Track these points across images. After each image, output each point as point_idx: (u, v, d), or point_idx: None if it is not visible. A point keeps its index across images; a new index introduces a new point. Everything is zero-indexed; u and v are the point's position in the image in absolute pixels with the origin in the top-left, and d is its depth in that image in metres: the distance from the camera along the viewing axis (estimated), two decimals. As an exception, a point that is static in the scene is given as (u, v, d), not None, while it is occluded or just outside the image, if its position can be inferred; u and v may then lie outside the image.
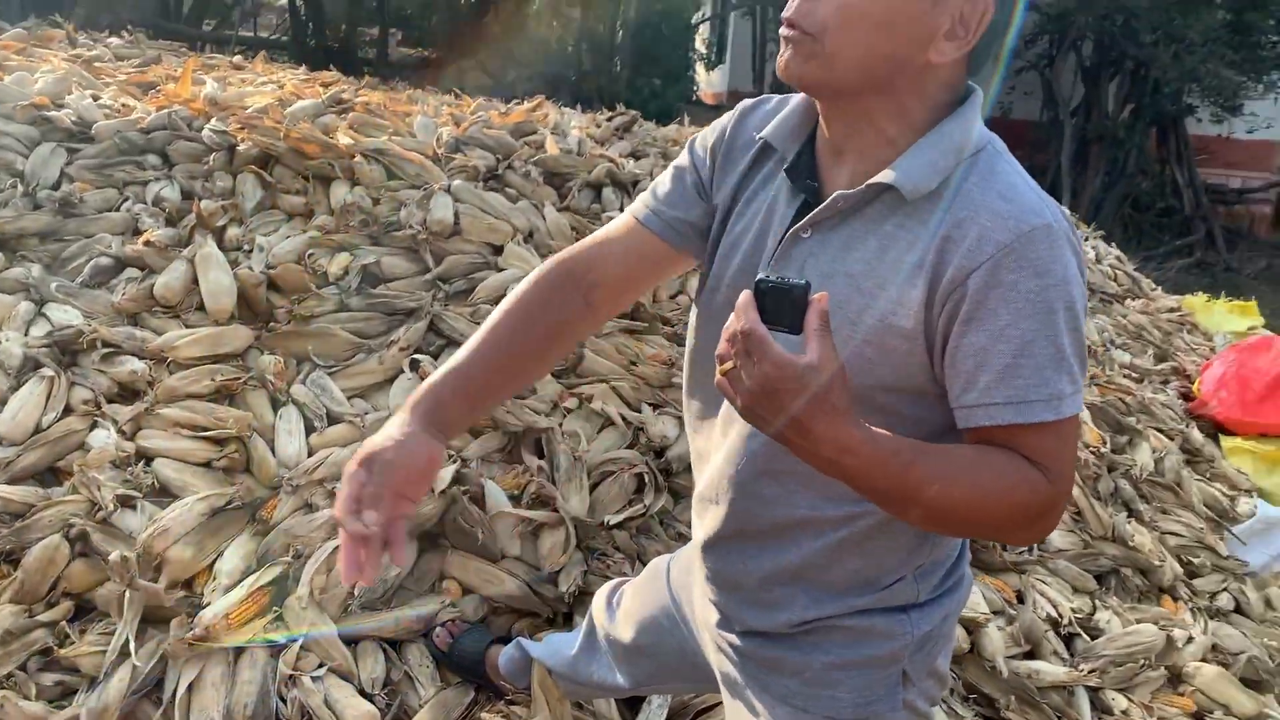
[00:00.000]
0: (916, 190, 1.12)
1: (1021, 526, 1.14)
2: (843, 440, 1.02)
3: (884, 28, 1.11)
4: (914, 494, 1.06)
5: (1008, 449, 1.11)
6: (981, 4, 1.11)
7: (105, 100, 3.38)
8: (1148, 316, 4.95)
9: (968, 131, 1.15)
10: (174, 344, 2.54)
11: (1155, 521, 3.31)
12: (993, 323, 1.08)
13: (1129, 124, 13.05)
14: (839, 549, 1.27)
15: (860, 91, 1.15)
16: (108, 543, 2.15)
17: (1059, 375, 1.09)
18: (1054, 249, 1.08)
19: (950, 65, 1.15)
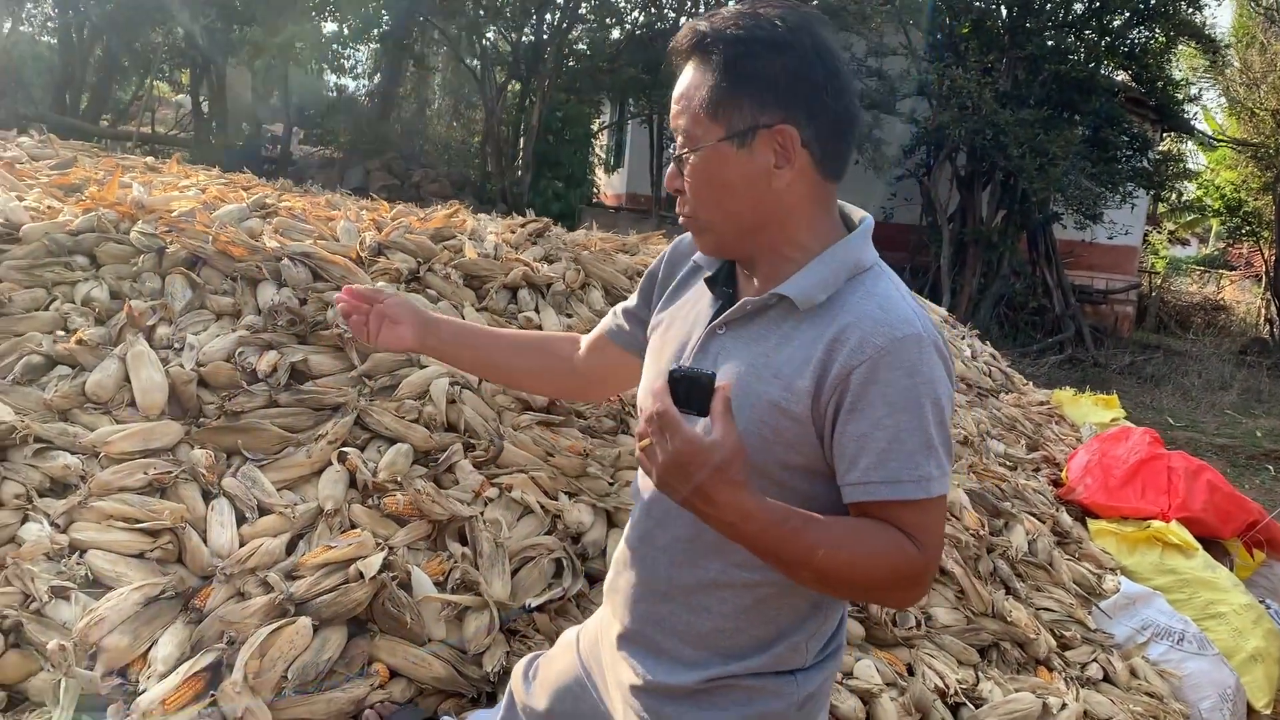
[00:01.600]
0: (808, 301, 1.35)
1: (898, 588, 1.34)
2: (742, 507, 1.22)
3: (725, 189, 1.37)
4: (804, 557, 1.26)
5: (885, 522, 1.31)
6: (787, 131, 1.32)
7: (30, 202, 3.46)
8: (1020, 409, 5.34)
9: (858, 253, 1.39)
10: (107, 439, 2.62)
11: (1030, 598, 3.58)
12: (871, 414, 1.28)
13: (1002, 229, 13.90)
14: (745, 615, 1.45)
15: (745, 237, 1.40)
16: (42, 633, 2.21)
17: (927, 460, 1.29)
18: (923, 354, 1.29)
19: (805, 183, 1.37)
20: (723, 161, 1.35)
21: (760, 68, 1.32)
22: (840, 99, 1.35)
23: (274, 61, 13.60)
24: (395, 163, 15.35)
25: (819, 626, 1.48)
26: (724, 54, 1.32)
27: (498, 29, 15.54)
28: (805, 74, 1.32)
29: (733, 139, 1.34)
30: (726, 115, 1.33)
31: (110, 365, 2.80)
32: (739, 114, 1.33)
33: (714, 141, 1.35)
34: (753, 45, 1.32)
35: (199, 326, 3.05)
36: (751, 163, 1.34)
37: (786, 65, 1.32)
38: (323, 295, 3.19)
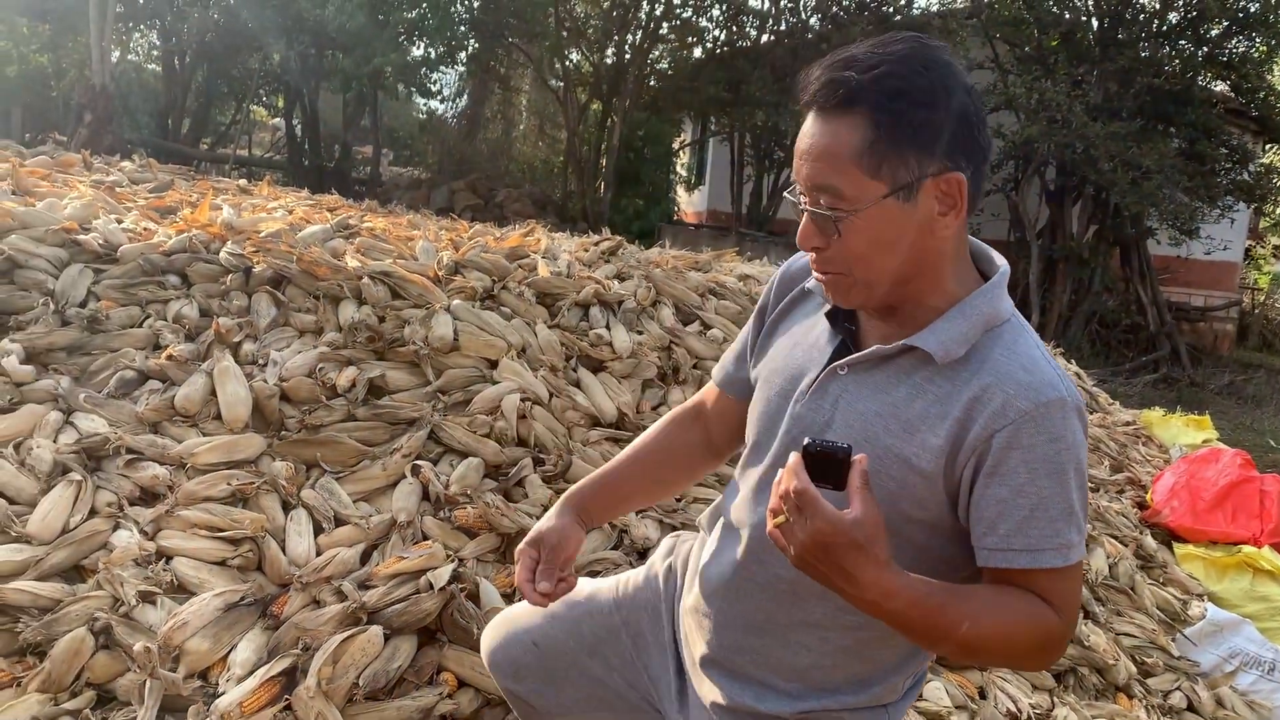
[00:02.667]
0: (948, 356, 1.29)
1: (1038, 656, 1.33)
2: (885, 587, 1.18)
3: (889, 246, 1.28)
4: (947, 632, 1.23)
5: (1023, 588, 1.28)
6: (955, 179, 1.26)
7: (128, 224, 3.64)
8: (1105, 429, 5.21)
9: (995, 305, 1.33)
10: (193, 451, 2.74)
11: (1111, 623, 3.49)
12: (1014, 479, 1.25)
13: (1092, 245, 13.56)
14: (844, 654, 1.44)
15: (899, 289, 1.32)
16: (130, 635, 2.31)
17: (1069, 528, 1.27)
18: (1066, 419, 1.26)
19: (960, 225, 1.32)
20: (887, 219, 1.26)
21: (923, 118, 1.23)
22: (985, 134, 1.29)
23: (364, 86, 14.00)
24: (480, 183, 15.65)
25: (918, 665, 1.49)
26: (885, 106, 1.22)
27: (580, 50, 15.76)
28: (964, 117, 1.26)
29: (898, 194, 1.25)
30: (891, 170, 1.24)
31: (198, 380, 2.92)
32: (905, 168, 1.24)
33: (878, 199, 1.25)
34: (915, 93, 1.23)
35: (282, 343, 3.16)
36: (916, 215, 1.27)
37: (948, 110, 1.24)
38: (401, 313, 3.28)
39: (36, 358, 2.98)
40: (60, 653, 2.25)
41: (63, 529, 2.51)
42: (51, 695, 2.23)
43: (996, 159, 13.57)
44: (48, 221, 3.41)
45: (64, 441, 2.72)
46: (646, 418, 3.46)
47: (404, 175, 18.25)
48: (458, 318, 3.34)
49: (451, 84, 18.93)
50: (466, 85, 18.84)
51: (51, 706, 2.21)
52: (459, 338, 3.27)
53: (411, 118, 21.13)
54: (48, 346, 3.00)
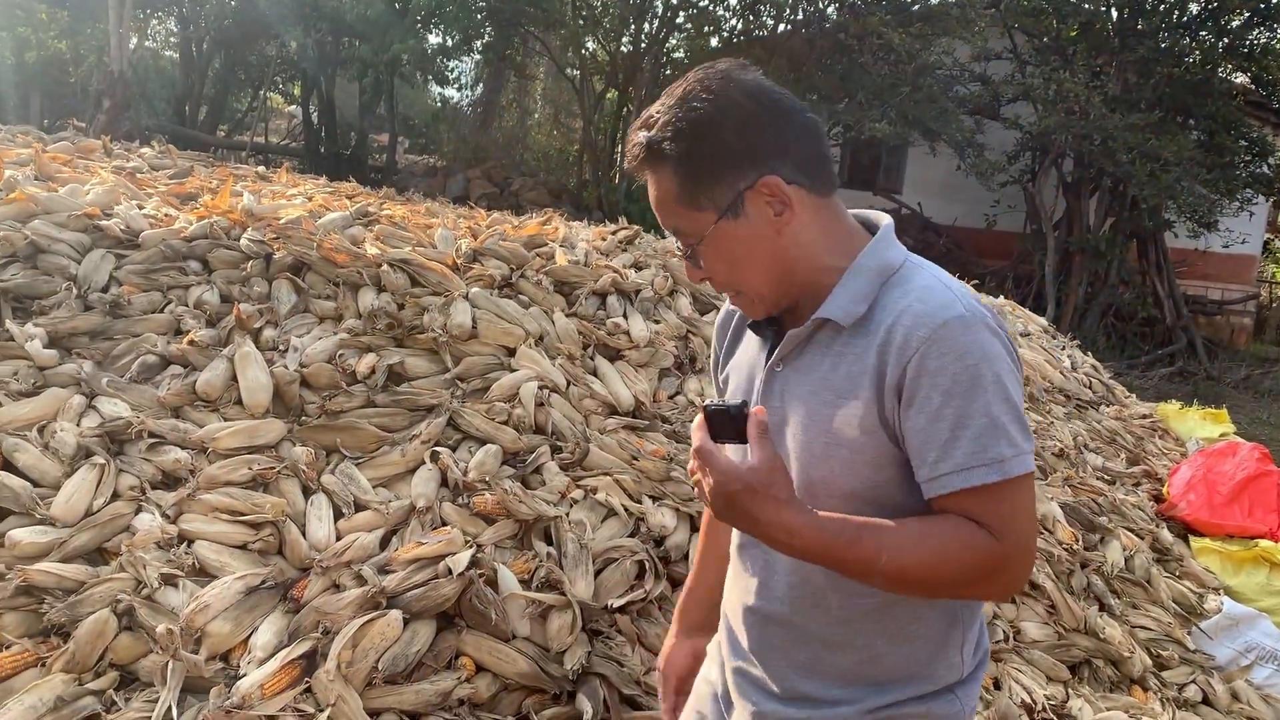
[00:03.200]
0: (850, 316, 1.35)
1: (979, 583, 1.31)
2: (788, 524, 1.25)
3: (746, 259, 1.39)
4: (868, 564, 1.26)
5: (960, 515, 1.28)
6: (769, 182, 1.34)
7: (149, 210, 3.66)
8: (1121, 422, 5.19)
9: (883, 258, 1.39)
10: (214, 435, 2.76)
11: (1126, 615, 3.49)
12: (929, 406, 1.27)
13: (1109, 237, 13.48)
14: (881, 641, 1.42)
15: (788, 285, 1.41)
16: (152, 617, 2.33)
17: (996, 442, 1.25)
18: (969, 333, 1.27)
19: (809, 213, 1.38)
20: (730, 238, 1.37)
21: (713, 144, 1.34)
22: (794, 125, 1.37)
23: (381, 74, 14.01)
24: (495, 171, 15.65)
25: (964, 635, 1.45)
26: (675, 152, 1.35)
27: (597, 39, 15.72)
28: (753, 124, 1.34)
29: (725, 215, 1.36)
30: (709, 199, 1.36)
31: (219, 365, 2.94)
32: (718, 192, 1.35)
33: (711, 226, 1.37)
34: (693, 129, 1.33)
35: (303, 329, 3.18)
36: (753, 225, 1.36)
37: (732, 128, 1.34)
38: (420, 300, 3.30)
39: (60, 342, 3.00)
40: (84, 634, 2.27)
41: (86, 512, 2.54)
42: (76, 675, 2.26)
43: (1013, 150, 13.52)
44: (70, 207, 3.44)
45: (87, 425, 2.74)
46: (663, 406, 3.48)
47: (419, 163, 18.26)
48: (476, 305, 3.35)
49: (468, 72, 18.95)
50: (482, 74, 18.84)
51: (76, 686, 2.24)
52: (477, 325, 3.28)
53: (427, 106, 21.14)
54: (70, 331, 3.03)
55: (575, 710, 2.47)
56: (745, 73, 1.38)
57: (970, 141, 13.05)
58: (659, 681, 1.85)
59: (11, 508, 2.51)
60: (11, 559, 2.40)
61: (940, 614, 1.42)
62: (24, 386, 2.82)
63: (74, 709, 2.19)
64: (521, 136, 20.29)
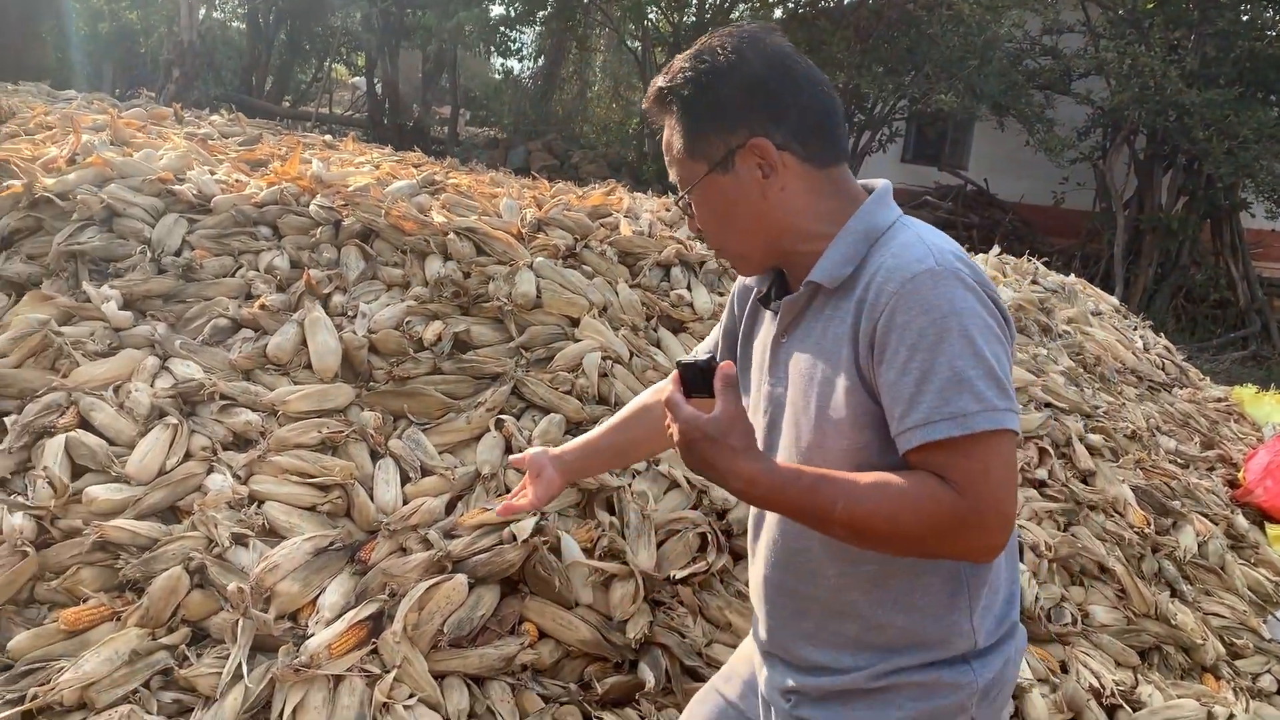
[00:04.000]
0: (834, 279, 1.38)
1: (943, 539, 1.26)
2: (744, 473, 1.29)
3: (729, 215, 1.45)
4: (825, 514, 1.28)
5: (927, 470, 1.26)
6: (758, 143, 1.38)
7: (220, 176, 3.70)
8: (1195, 405, 5.06)
9: (871, 220, 1.40)
10: (285, 399, 2.79)
11: (1199, 602, 3.41)
12: (896, 360, 1.27)
13: (1182, 216, 13.11)
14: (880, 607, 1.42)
15: (773, 249, 1.46)
16: (223, 576, 2.37)
17: (959, 395, 1.23)
18: (938, 286, 1.26)
19: (801, 181, 1.41)
20: (717, 192, 1.43)
21: (713, 98, 1.39)
22: (801, 93, 1.40)
23: (444, 44, 14.04)
24: (555, 143, 15.66)
25: (971, 603, 1.42)
26: (678, 98, 1.42)
27: (659, 9, 15.60)
28: (757, 86, 1.38)
29: (716, 169, 1.41)
30: (703, 151, 1.42)
31: (289, 330, 2.97)
32: (711, 145, 1.41)
33: (701, 178, 1.43)
34: (699, 80, 1.40)
35: (371, 296, 3.20)
36: (740, 183, 1.41)
37: (735, 84, 1.39)
38: (485, 269, 3.30)
39: (134, 304, 3.06)
40: (158, 590, 2.32)
41: (159, 470, 2.59)
42: (149, 630, 2.31)
43: (1084, 125, 13.19)
44: (144, 172, 3.49)
45: (160, 386, 2.79)
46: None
47: (480, 135, 18.33)
48: (541, 275, 3.35)
49: (529, 44, 18.93)
50: (544, 45, 18.82)
51: (149, 641, 2.28)
52: (542, 295, 3.28)
53: (488, 78, 21.18)
54: (145, 294, 3.08)
55: (637, 679, 2.47)
56: (769, 36, 1.42)
57: (1040, 117, 12.76)
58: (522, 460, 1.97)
59: (89, 465, 2.57)
60: (89, 515, 2.46)
61: (943, 580, 1.41)
62: (100, 347, 2.88)
63: (148, 663, 2.25)
64: (581, 109, 20.26)
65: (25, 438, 2.59)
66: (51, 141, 3.90)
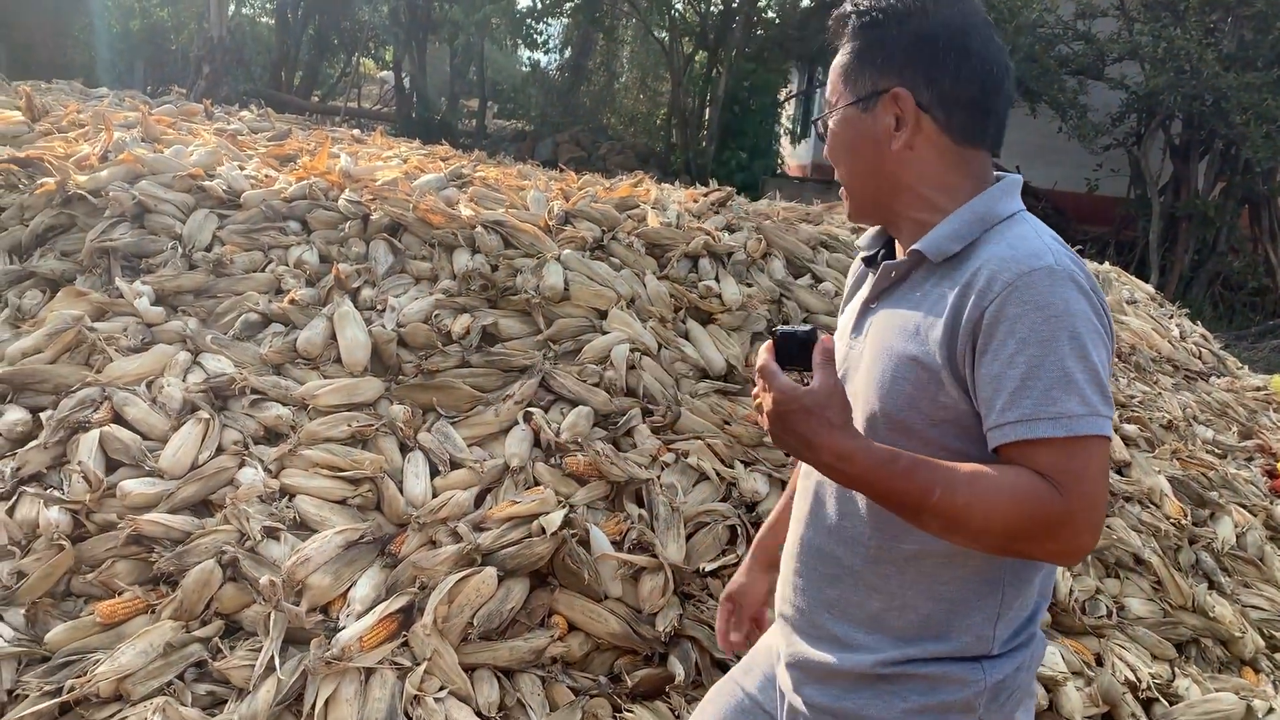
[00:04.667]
0: (940, 253, 1.36)
1: (1038, 537, 1.24)
2: (839, 448, 1.25)
3: (850, 151, 1.45)
4: (919, 499, 1.24)
5: (1023, 466, 1.24)
6: (901, 94, 1.37)
7: (250, 171, 3.72)
8: (1233, 394, 4.98)
9: (992, 205, 1.38)
10: (315, 393, 2.81)
11: (1237, 594, 3.36)
12: (1003, 352, 1.24)
13: (1219, 202, 12.91)
14: (912, 590, 1.40)
15: (879, 200, 1.46)
16: (255, 569, 2.39)
17: (1066, 396, 1.22)
18: (1055, 286, 1.25)
19: (934, 148, 1.40)
20: (848, 125, 1.43)
21: (881, 35, 1.39)
22: (966, 63, 1.38)
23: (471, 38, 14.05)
24: (583, 135, 15.65)
25: (1000, 609, 1.40)
26: (853, 24, 1.42)
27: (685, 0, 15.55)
28: (926, 41, 1.37)
29: (858, 103, 1.41)
30: (854, 81, 1.42)
31: (319, 324, 2.99)
32: (863, 80, 1.41)
33: (843, 107, 1.43)
34: (877, 15, 1.39)
35: (399, 289, 3.21)
36: (874, 126, 1.40)
37: (907, 32, 1.38)
38: (513, 262, 3.30)
39: (166, 300, 3.08)
40: (191, 583, 2.34)
41: (192, 465, 2.61)
42: (183, 623, 2.33)
43: (1118, 111, 13.01)
44: (175, 168, 3.52)
45: (192, 381, 2.81)
46: (756, 371, 3.43)
47: (508, 128, 18.34)
48: (568, 267, 3.34)
49: (556, 35, 18.92)
50: (571, 37, 18.79)
51: (184, 634, 2.31)
52: (569, 287, 3.28)
53: (515, 71, 21.20)
54: (176, 289, 3.11)
55: (667, 672, 2.47)
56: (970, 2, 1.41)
57: (1073, 103, 12.60)
58: (723, 611, 1.86)
59: (122, 459, 2.60)
60: (123, 509, 2.48)
61: (982, 580, 1.39)
62: (133, 343, 2.90)
63: (182, 655, 2.27)
64: (609, 100, 20.23)
65: (60, 433, 2.61)
66: (84, 139, 3.94)
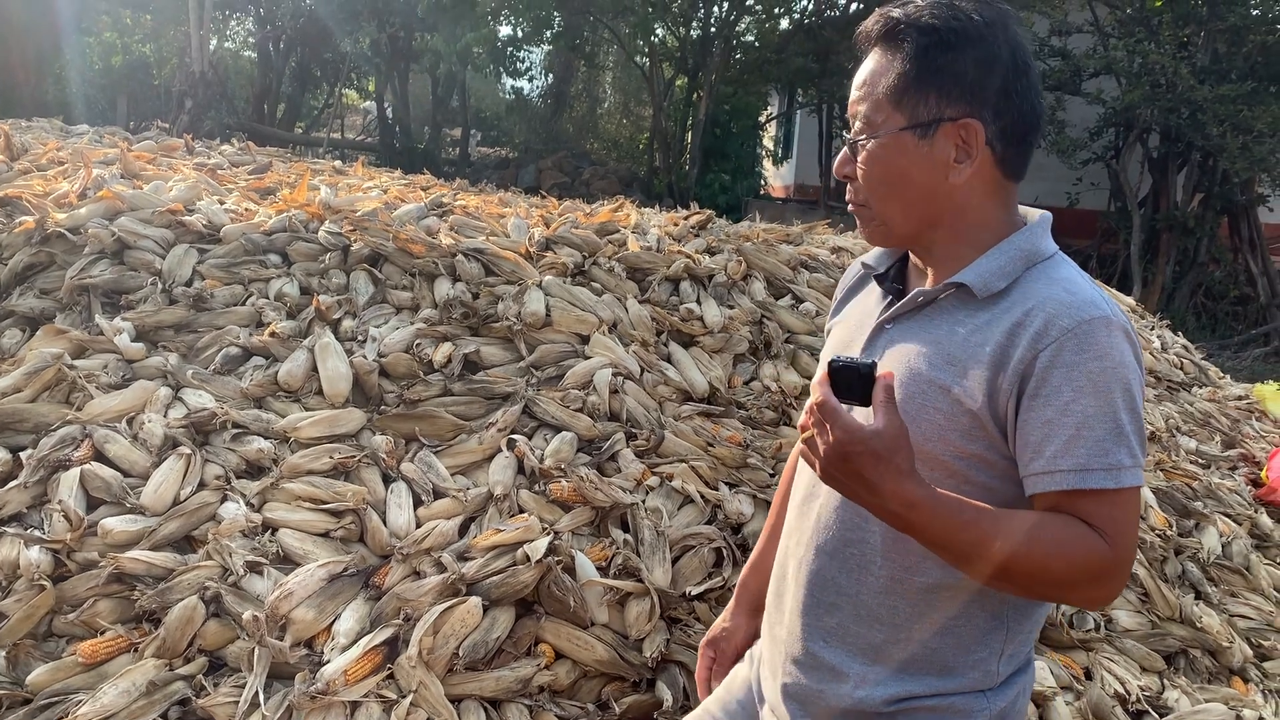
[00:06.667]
0: (987, 288, 1.31)
1: (1084, 585, 1.26)
2: (907, 497, 1.19)
3: (903, 181, 1.34)
4: (978, 549, 1.21)
5: (1070, 515, 1.24)
6: (972, 126, 1.31)
7: (230, 205, 3.73)
8: (1215, 404, 5.00)
9: (1035, 243, 1.35)
10: (296, 425, 2.80)
11: (1224, 604, 3.36)
12: (1058, 398, 1.23)
13: (1199, 213, 13.02)
14: (919, 624, 1.37)
15: (918, 231, 1.38)
16: (239, 604, 2.38)
17: (1118, 448, 1.23)
18: (1112, 337, 1.24)
19: (984, 181, 1.35)
20: (902, 151, 1.33)
21: (951, 60, 1.30)
22: (1027, 98, 1.33)
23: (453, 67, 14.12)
24: (566, 161, 15.71)
25: (1005, 645, 1.39)
26: (916, 42, 1.31)
27: (666, 25, 15.66)
28: (996, 70, 1.31)
29: (915, 129, 1.32)
30: (912, 104, 1.32)
31: (300, 356, 2.98)
32: (924, 105, 1.31)
33: (895, 130, 1.33)
34: (946, 35, 1.30)
35: (380, 320, 3.21)
36: (931, 155, 1.32)
37: (978, 59, 1.30)
38: (494, 289, 3.30)
39: (146, 335, 3.08)
40: (174, 620, 2.33)
41: (174, 501, 2.60)
42: (166, 661, 2.31)
43: (1096, 126, 13.13)
44: (154, 204, 3.52)
45: (173, 416, 2.80)
46: (738, 391, 3.44)
47: (491, 155, 18.41)
48: (549, 293, 3.35)
49: (538, 63, 19.03)
50: (552, 64, 18.90)
51: (167, 671, 2.29)
52: (551, 313, 3.28)
53: (498, 98, 21.30)
54: (156, 325, 3.10)
55: (655, 698, 2.46)
56: (1018, 25, 1.35)
57: (1050, 119, 12.70)
58: (703, 659, 1.79)
59: (103, 497, 2.58)
60: (104, 547, 2.47)
61: (989, 615, 1.37)
62: (114, 379, 2.89)
63: (165, 693, 2.25)
64: (591, 126, 20.33)
65: (41, 471, 2.60)
66: (63, 177, 3.94)
